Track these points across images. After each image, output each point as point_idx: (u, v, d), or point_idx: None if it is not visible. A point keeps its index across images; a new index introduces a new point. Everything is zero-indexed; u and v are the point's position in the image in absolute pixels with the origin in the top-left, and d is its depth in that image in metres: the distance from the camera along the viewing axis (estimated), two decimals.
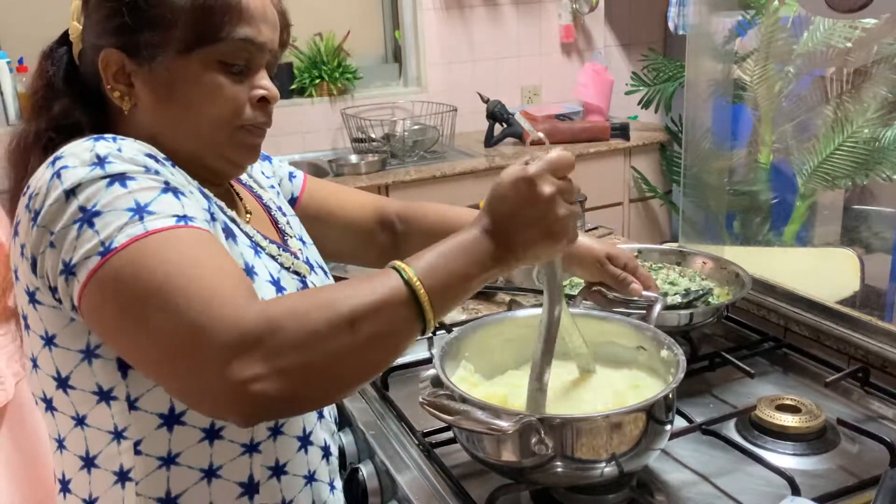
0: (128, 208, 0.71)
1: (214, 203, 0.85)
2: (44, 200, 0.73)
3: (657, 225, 3.39)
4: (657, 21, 3.70)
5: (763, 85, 2.17)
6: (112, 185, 0.72)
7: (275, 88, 0.86)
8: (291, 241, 0.99)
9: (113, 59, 0.82)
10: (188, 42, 0.80)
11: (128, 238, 0.69)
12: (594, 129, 3.19)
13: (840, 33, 1.96)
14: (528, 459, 0.85)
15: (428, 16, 3.34)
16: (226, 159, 0.87)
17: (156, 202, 0.72)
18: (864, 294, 1.75)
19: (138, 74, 0.82)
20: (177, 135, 0.84)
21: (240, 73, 0.83)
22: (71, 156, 0.74)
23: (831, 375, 1.15)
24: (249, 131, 0.86)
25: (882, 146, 2.00)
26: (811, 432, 1.04)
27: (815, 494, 0.91)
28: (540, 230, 0.78)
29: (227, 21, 0.80)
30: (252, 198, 1.01)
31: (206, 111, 0.83)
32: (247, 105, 0.85)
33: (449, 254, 0.75)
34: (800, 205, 2.17)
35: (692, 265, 1.39)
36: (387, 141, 3.06)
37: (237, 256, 0.83)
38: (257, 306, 0.68)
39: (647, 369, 1.02)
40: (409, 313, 0.72)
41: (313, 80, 3.19)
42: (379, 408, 1.17)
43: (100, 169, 0.73)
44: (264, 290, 0.83)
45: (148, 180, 0.74)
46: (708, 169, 1.75)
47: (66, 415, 0.81)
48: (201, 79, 0.82)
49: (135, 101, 0.83)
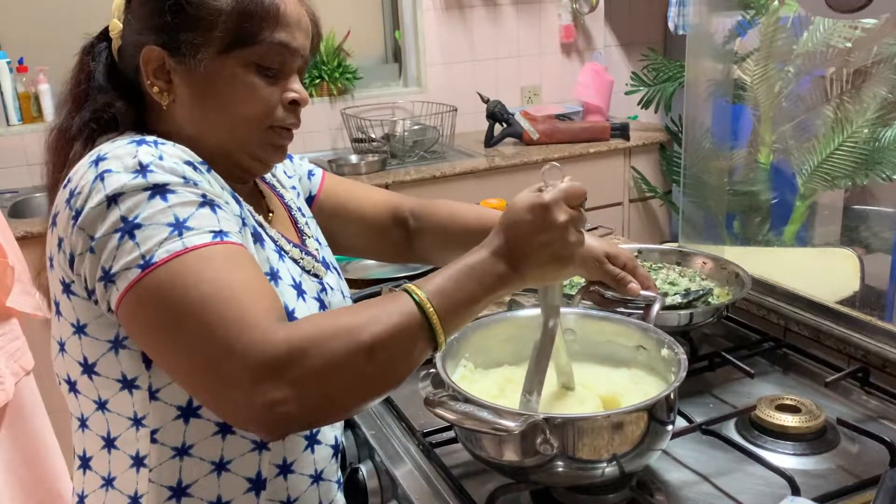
0: (168, 223, 0.74)
1: (245, 208, 0.88)
2: (85, 201, 0.75)
3: (657, 225, 3.39)
4: (657, 21, 3.70)
5: (763, 85, 2.17)
6: (153, 197, 0.75)
7: (305, 92, 0.91)
8: (309, 241, 1.03)
9: (154, 55, 0.85)
10: (227, 43, 0.84)
11: (168, 254, 0.73)
12: (594, 129, 3.19)
13: (840, 33, 1.96)
14: (531, 459, 0.85)
15: (428, 16, 3.34)
16: (255, 157, 0.90)
17: (194, 217, 0.75)
18: (863, 294, 1.75)
19: (177, 71, 0.85)
20: (211, 131, 0.87)
21: (274, 76, 0.87)
22: (115, 159, 0.77)
23: (831, 375, 1.15)
24: (279, 132, 0.90)
25: (882, 146, 2.00)
26: (811, 432, 1.04)
27: (815, 494, 0.91)
28: (550, 255, 0.81)
29: (265, 26, 0.84)
30: (275, 197, 1.05)
31: (240, 109, 0.86)
32: (279, 106, 0.88)
33: (459, 276, 0.79)
34: (800, 205, 2.17)
35: (692, 265, 1.39)
36: (387, 141, 3.06)
37: (263, 261, 0.86)
38: (283, 332, 0.70)
39: (647, 368, 1.02)
40: (422, 337, 0.75)
41: (313, 80, 3.19)
42: (379, 408, 1.17)
43: (142, 178, 0.75)
44: (287, 293, 0.87)
45: (187, 193, 0.77)
46: (708, 169, 1.75)
47: (89, 398, 0.84)
48: (237, 79, 0.85)
49: (173, 97, 0.86)
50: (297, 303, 0.88)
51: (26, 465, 1.53)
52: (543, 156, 3.03)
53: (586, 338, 1.07)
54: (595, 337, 1.06)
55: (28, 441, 1.53)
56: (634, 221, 3.32)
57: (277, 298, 0.77)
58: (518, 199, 0.83)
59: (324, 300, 0.95)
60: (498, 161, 2.98)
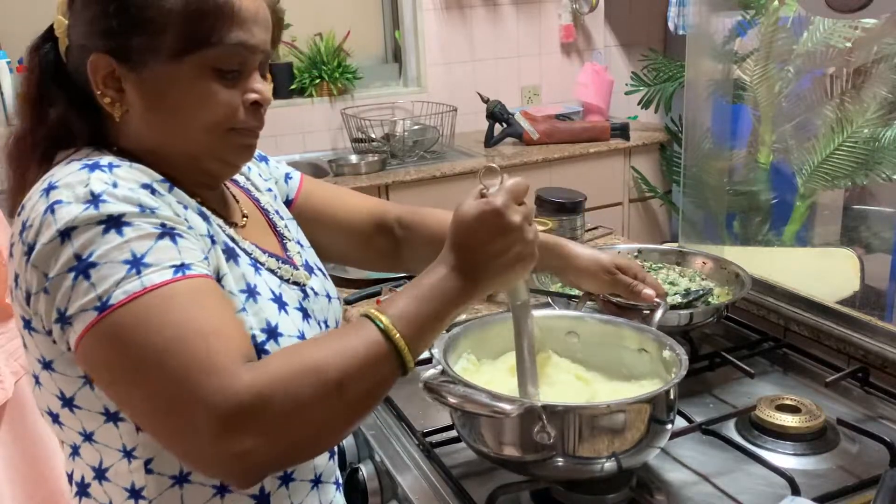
0: (124, 260, 0.70)
1: (214, 223, 0.84)
2: (37, 236, 0.72)
3: (657, 225, 3.39)
4: (657, 21, 3.70)
5: (763, 85, 2.17)
6: (108, 231, 0.71)
7: (268, 92, 0.85)
8: (290, 244, 0.99)
9: (102, 63, 0.79)
10: (179, 47, 0.78)
11: (125, 295, 0.69)
12: (594, 129, 3.19)
13: (840, 33, 1.96)
14: (530, 453, 0.85)
15: (428, 16, 3.34)
16: (222, 161, 0.86)
17: (152, 252, 0.71)
18: (863, 294, 1.75)
19: (129, 79, 0.80)
20: (171, 140, 0.83)
21: (233, 78, 0.82)
22: (66, 188, 0.73)
23: (831, 375, 1.15)
24: (242, 133, 0.85)
25: (882, 146, 2.00)
26: (811, 432, 1.04)
27: (815, 494, 0.91)
28: (512, 258, 0.80)
29: (219, 26, 0.78)
30: (249, 201, 1.00)
31: (199, 117, 0.81)
32: (240, 109, 0.83)
33: (422, 297, 0.77)
34: (799, 205, 2.17)
35: (692, 265, 1.39)
36: (387, 141, 3.06)
37: (238, 278, 0.83)
38: (248, 377, 0.68)
39: (652, 376, 1.02)
40: (390, 364, 0.74)
41: (313, 80, 3.19)
42: (379, 408, 1.17)
43: (93, 209, 0.71)
44: (267, 309, 0.84)
45: (144, 224, 0.73)
46: (708, 169, 1.75)
47: (74, 430, 0.81)
48: (193, 85, 0.80)
49: (126, 108, 0.81)
50: (279, 317, 0.85)
51: (27, 463, 1.53)
52: (543, 156, 3.03)
53: (590, 340, 1.07)
54: (599, 340, 1.06)
55: (28, 440, 1.53)
56: (634, 221, 3.32)
57: (244, 334, 0.75)
58: (463, 209, 0.80)
59: (307, 309, 0.91)
60: (498, 161, 2.98)
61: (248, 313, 0.81)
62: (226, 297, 0.77)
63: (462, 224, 0.79)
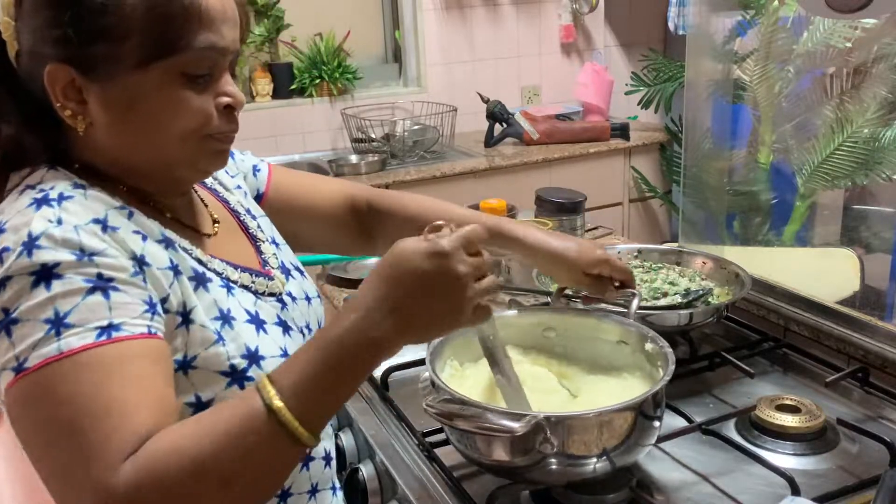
0: (46, 319, 0.67)
1: (180, 248, 0.80)
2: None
3: (657, 225, 3.39)
4: (657, 21, 3.70)
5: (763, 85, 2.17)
6: (37, 285, 0.67)
7: (240, 94, 0.80)
8: (264, 245, 0.96)
9: (60, 74, 0.74)
10: (145, 55, 0.73)
11: (40, 360, 0.66)
12: (594, 129, 3.19)
13: (840, 33, 1.96)
14: (522, 459, 0.86)
15: (428, 16, 3.34)
16: (194, 168, 0.82)
17: (77, 311, 0.68)
18: (863, 294, 1.74)
19: (91, 91, 0.75)
20: (139, 151, 0.78)
21: (204, 83, 0.77)
22: (12, 232, 0.70)
23: (831, 375, 1.15)
24: (217, 138, 0.80)
25: (882, 146, 2.00)
26: (811, 432, 1.04)
27: (815, 494, 0.91)
28: (445, 310, 0.72)
29: (186, 29, 0.73)
30: (219, 203, 0.96)
31: (171, 127, 0.76)
32: (214, 114, 0.78)
33: (326, 357, 0.69)
34: (799, 205, 2.17)
35: (692, 265, 1.39)
36: (387, 141, 3.06)
37: (210, 306, 0.79)
38: (127, 474, 0.64)
39: (633, 369, 1.02)
40: (283, 445, 0.67)
41: (313, 80, 3.19)
42: (379, 408, 1.17)
43: (26, 258, 0.68)
44: (244, 333, 0.81)
45: (75, 278, 0.68)
46: (708, 169, 1.75)
47: None
48: (163, 93, 0.75)
49: (90, 120, 0.76)
50: (258, 339, 0.81)
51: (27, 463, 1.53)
52: (543, 156, 3.03)
53: (567, 335, 1.08)
54: (576, 334, 1.07)
55: None
56: (634, 221, 3.32)
57: (154, 409, 0.68)
58: (406, 244, 0.71)
59: (286, 321, 0.88)
60: (498, 161, 2.98)
61: (226, 341, 0.78)
62: (156, 361, 0.71)
63: (400, 259, 0.71)
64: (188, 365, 0.77)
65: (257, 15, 3.11)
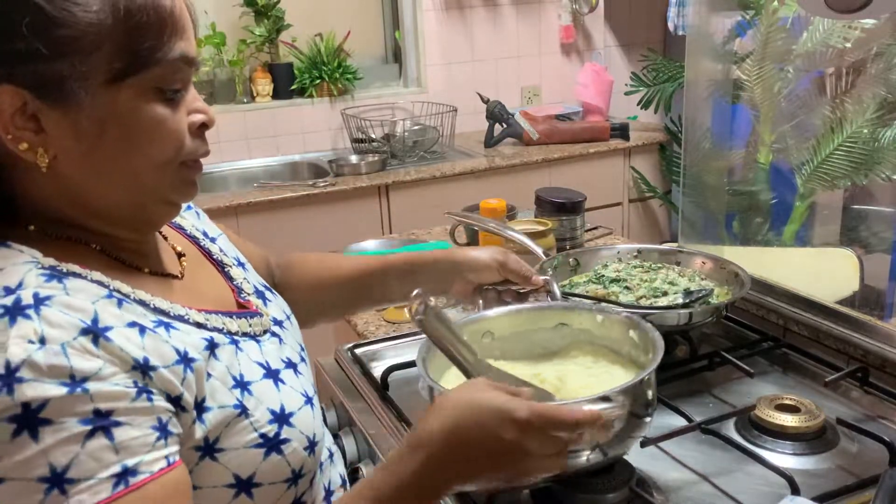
0: (40, 477, 0.55)
1: (182, 326, 0.70)
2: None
3: (657, 225, 3.39)
4: (657, 21, 3.70)
5: (762, 85, 2.17)
6: (19, 434, 0.55)
7: (210, 110, 0.73)
8: (232, 270, 0.89)
9: (7, 98, 0.62)
10: (117, 69, 0.64)
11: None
12: (594, 129, 3.19)
13: (839, 33, 1.96)
14: None
15: (428, 16, 3.34)
16: (167, 203, 0.74)
17: (78, 462, 0.56)
18: (863, 294, 1.74)
19: (50, 116, 0.63)
20: (111, 187, 0.68)
21: (176, 99, 0.69)
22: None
23: (831, 375, 1.15)
24: (190, 167, 0.73)
25: (881, 146, 2.00)
26: (810, 432, 1.04)
27: (814, 494, 0.91)
28: (506, 476, 0.69)
29: (161, 39, 0.65)
30: (175, 232, 0.88)
31: (148, 152, 0.67)
32: (187, 136, 0.70)
33: None
34: (799, 205, 2.17)
35: (692, 265, 1.39)
36: (387, 141, 3.07)
37: (224, 377, 0.72)
38: None
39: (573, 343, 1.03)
40: None
41: (313, 80, 3.19)
42: (379, 408, 1.17)
43: (6, 395, 0.55)
44: (264, 394, 0.75)
45: (69, 420, 0.57)
46: (707, 169, 1.75)
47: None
48: (138, 113, 0.66)
49: (53, 153, 0.65)
50: (278, 395, 0.76)
51: None
52: (543, 156, 3.03)
53: (504, 335, 1.06)
54: (512, 331, 1.06)
55: None
56: (634, 221, 3.32)
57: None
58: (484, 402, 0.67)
59: (286, 356, 0.83)
60: (498, 161, 2.98)
61: (249, 411, 0.72)
62: (184, 494, 0.64)
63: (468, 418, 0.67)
64: (213, 449, 0.70)
65: (257, 15, 3.11)
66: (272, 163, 3.16)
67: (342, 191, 2.73)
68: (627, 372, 1.00)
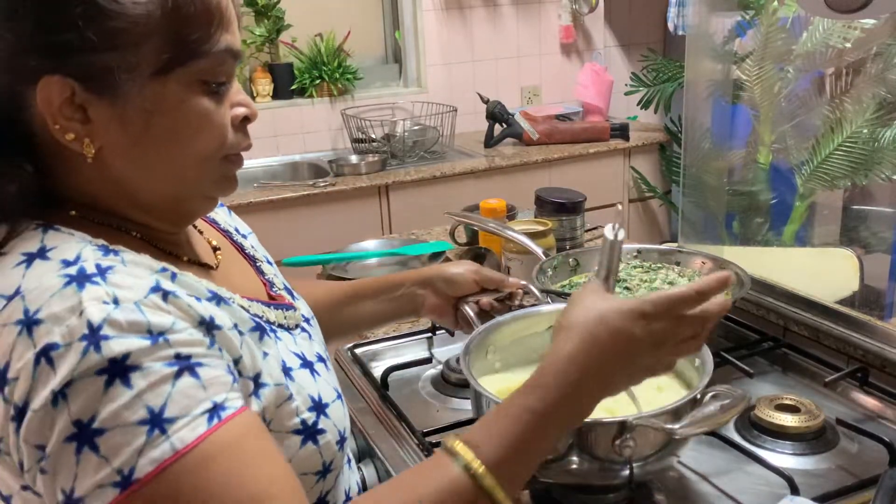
0: (140, 421, 0.57)
1: (233, 303, 0.72)
2: (28, 397, 0.57)
3: (657, 225, 3.39)
4: (657, 21, 3.70)
5: (762, 85, 2.17)
6: (111, 384, 0.57)
7: (253, 103, 0.74)
8: (264, 266, 0.91)
9: (56, 88, 0.63)
10: (164, 61, 0.64)
11: (154, 465, 0.57)
12: (594, 129, 3.19)
13: (839, 34, 1.96)
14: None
15: (428, 16, 3.34)
16: (206, 197, 0.75)
17: (173, 401, 0.58)
18: (863, 294, 1.74)
19: (97, 107, 0.64)
20: (154, 179, 0.69)
21: (220, 92, 0.69)
22: (54, 322, 0.58)
23: (830, 375, 1.15)
24: (232, 161, 0.73)
25: (881, 146, 2.00)
26: (810, 432, 1.04)
27: (814, 494, 0.91)
28: (645, 368, 0.73)
29: (207, 31, 0.66)
30: (210, 227, 0.89)
31: (194, 144, 0.68)
32: (229, 129, 0.71)
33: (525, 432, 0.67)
34: (799, 205, 2.17)
35: (691, 265, 1.39)
36: (387, 141, 3.07)
37: (275, 358, 0.73)
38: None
39: None
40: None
41: (313, 80, 3.19)
42: (379, 408, 1.17)
43: (94, 353, 0.57)
44: (305, 383, 0.76)
45: (156, 365, 0.59)
46: (707, 169, 1.75)
47: None
48: (185, 105, 0.67)
49: (100, 143, 0.65)
50: (316, 385, 0.77)
51: None
52: (543, 156, 3.03)
53: (502, 347, 1.05)
54: (509, 342, 1.05)
55: None
56: (634, 221, 3.32)
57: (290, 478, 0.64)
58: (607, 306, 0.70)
59: (320, 353, 0.84)
60: (498, 161, 2.98)
61: (294, 398, 0.73)
62: (263, 429, 0.66)
63: (606, 323, 0.69)
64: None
65: (257, 15, 3.11)
66: (272, 163, 3.16)
67: (342, 191, 2.74)
68: None
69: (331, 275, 1.75)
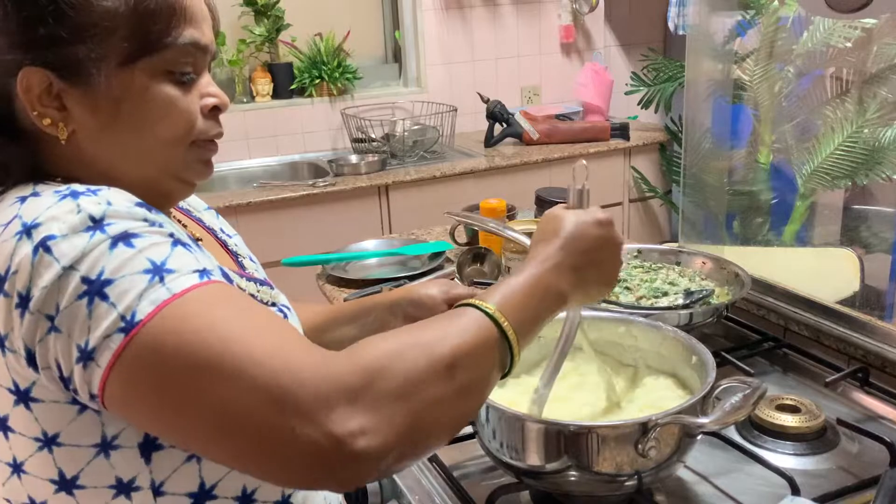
0: (143, 270, 0.62)
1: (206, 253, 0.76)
2: (31, 281, 0.62)
3: (657, 225, 3.39)
4: (657, 21, 3.70)
5: (763, 85, 2.17)
6: (115, 246, 0.62)
7: (224, 94, 0.79)
8: (245, 262, 0.93)
9: (36, 79, 0.69)
10: (129, 52, 0.70)
11: (153, 306, 0.61)
12: (594, 129, 3.19)
13: (840, 33, 1.95)
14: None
15: (428, 16, 3.34)
16: (179, 180, 0.78)
17: (171, 258, 0.64)
18: (863, 294, 1.74)
19: (71, 94, 0.70)
20: (125, 160, 0.74)
21: (188, 82, 0.74)
22: (53, 221, 0.63)
23: (831, 375, 1.15)
24: (204, 146, 0.78)
25: (882, 146, 2.00)
26: (811, 432, 1.04)
27: (815, 494, 0.91)
28: (606, 272, 0.82)
29: (172, 24, 0.71)
30: (193, 223, 0.93)
31: (159, 130, 0.73)
32: (199, 117, 0.76)
33: (525, 290, 0.75)
34: (799, 205, 2.16)
35: (692, 265, 1.39)
36: (387, 141, 3.06)
37: None
38: (342, 356, 0.62)
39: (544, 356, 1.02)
40: (498, 354, 0.70)
41: (313, 80, 3.19)
42: None
43: (101, 233, 0.63)
44: None
45: (154, 235, 0.65)
46: (708, 169, 1.75)
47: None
48: (150, 93, 0.72)
49: (72, 127, 0.71)
50: None
51: None
52: (543, 156, 3.03)
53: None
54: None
55: None
56: (634, 221, 3.32)
57: None
58: (573, 212, 0.82)
59: None
60: (498, 161, 2.98)
61: None
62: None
63: (573, 225, 0.80)
64: None
65: (257, 15, 3.11)
66: (272, 163, 3.16)
67: (342, 191, 2.73)
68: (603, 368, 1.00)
69: (330, 275, 1.75)
